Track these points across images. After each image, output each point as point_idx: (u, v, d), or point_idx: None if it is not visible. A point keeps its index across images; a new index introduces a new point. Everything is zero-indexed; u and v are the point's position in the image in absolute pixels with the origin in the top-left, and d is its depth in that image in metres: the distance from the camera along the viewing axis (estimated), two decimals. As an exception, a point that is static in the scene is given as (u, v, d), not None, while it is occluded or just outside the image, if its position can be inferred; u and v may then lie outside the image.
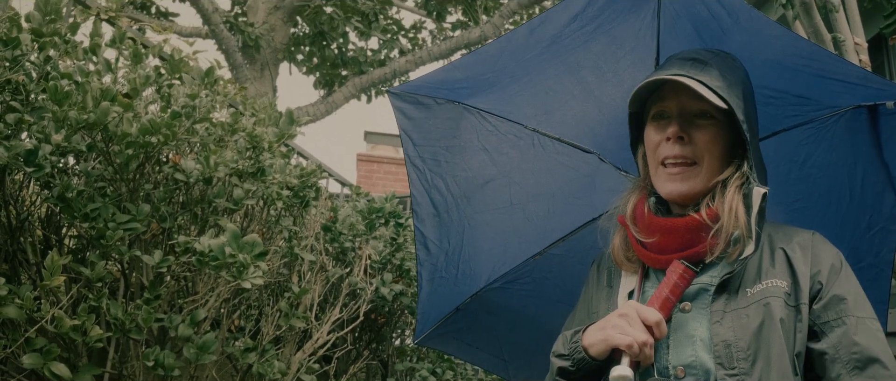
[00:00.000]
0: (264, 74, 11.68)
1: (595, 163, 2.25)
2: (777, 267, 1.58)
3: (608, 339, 1.53)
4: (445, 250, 2.34)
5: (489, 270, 2.40)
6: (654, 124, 1.69)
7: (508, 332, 2.50)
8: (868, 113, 1.82)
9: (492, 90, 2.18)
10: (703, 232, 1.59)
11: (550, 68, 2.10)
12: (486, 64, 2.12)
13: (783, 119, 1.95)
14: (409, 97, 2.23)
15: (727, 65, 1.67)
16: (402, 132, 2.24)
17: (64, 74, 2.66)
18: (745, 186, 1.59)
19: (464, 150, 2.27)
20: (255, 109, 3.46)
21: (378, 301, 4.08)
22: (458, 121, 2.25)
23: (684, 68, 1.62)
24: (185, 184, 2.99)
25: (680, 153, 1.63)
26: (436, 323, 2.44)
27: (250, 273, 2.59)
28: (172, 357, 2.65)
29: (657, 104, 1.69)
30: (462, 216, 2.32)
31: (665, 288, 1.58)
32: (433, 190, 2.29)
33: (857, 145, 1.87)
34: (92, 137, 2.69)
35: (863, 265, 1.92)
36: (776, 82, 1.85)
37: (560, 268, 2.36)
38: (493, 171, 2.30)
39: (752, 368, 1.47)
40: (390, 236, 4.21)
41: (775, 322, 1.50)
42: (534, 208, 2.35)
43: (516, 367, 2.58)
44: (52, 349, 2.36)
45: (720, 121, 1.63)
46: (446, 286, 2.39)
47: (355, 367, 4.11)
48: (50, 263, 2.35)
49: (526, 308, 2.43)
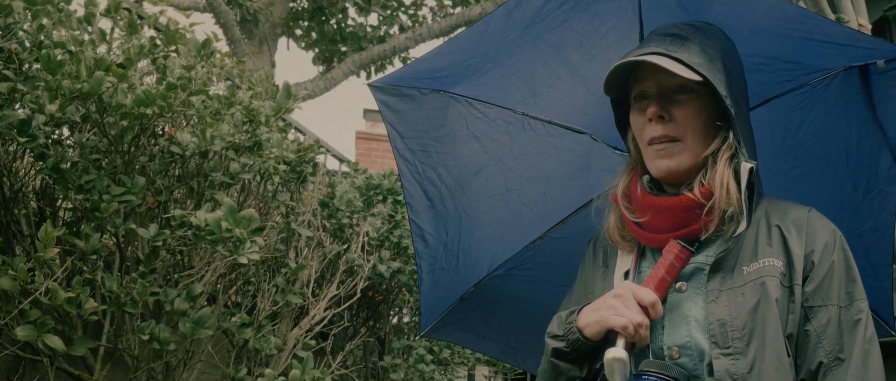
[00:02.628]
0: (263, 49, 11.62)
1: (588, 143, 2.22)
2: (773, 246, 1.56)
3: (603, 320, 1.51)
4: (444, 241, 2.31)
5: (490, 258, 2.37)
6: (637, 106, 1.67)
7: (514, 318, 2.48)
8: (859, 73, 1.78)
9: (476, 76, 2.13)
10: (697, 210, 1.56)
11: (533, 50, 2.05)
12: (468, 50, 2.06)
13: (774, 86, 1.92)
14: (392, 90, 2.17)
15: (708, 37, 1.64)
16: (389, 126, 2.19)
17: (57, 43, 2.62)
18: (735, 161, 1.56)
19: (453, 139, 2.23)
20: (252, 83, 3.42)
21: (375, 279, 4.06)
22: (444, 110, 2.20)
23: (663, 44, 1.59)
24: (181, 157, 2.96)
25: (662, 133, 1.60)
26: (440, 315, 2.42)
27: (246, 248, 2.56)
28: (168, 331, 2.63)
29: (636, 86, 1.67)
30: (458, 206, 2.29)
31: (661, 268, 1.56)
32: (426, 182, 2.25)
33: (851, 108, 1.83)
34: (86, 107, 2.65)
35: (864, 230, 1.89)
36: (765, 49, 1.81)
37: (561, 251, 2.33)
38: (485, 158, 2.26)
39: (747, 347, 1.45)
40: (388, 213, 4.19)
41: (771, 302, 1.48)
42: (530, 193, 2.31)
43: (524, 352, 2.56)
44: (46, 322, 2.34)
45: (701, 93, 1.60)
46: (448, 277, 2.36)
47: (352, 344, 4.10)
48: (44, 234, 2.32)
49: (530, 293, 2.41)
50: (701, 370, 1.48)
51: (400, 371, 4.26)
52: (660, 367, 1.44)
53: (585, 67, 2.08)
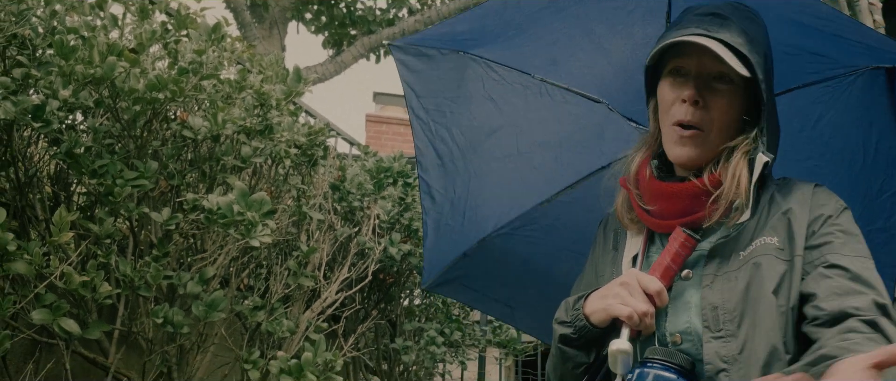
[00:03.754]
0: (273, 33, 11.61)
1: (604, 112, 2.23)
2: (769, 224, 1.55)
3: (608, 308, 1.52)
4: (451, 198, 2.33)
5: (496, 216, 2.39)
6: (671, 80, 1.64)
7: (515, 278, 2.51)
8: (887, 75, 1.78)
9: (498, 41, 2.15)
10: (703, 197, 1.56)
11: (557, 21, 2.07)
12: (491, 17, 2.09)
13: (799, 75, 1.92)
14: (412, 49, 2.20)
15: (748, 20, 1.62)
16: (405, 85, 2.21)
17: (70, 28, 2.64)
18: (752, 152, 1.56)
19: (469, 100, 2.25)
20: (263, 67, 3.43)
21: (386, 261, 4.08)
22: (462, 71, 2.22)
23: (703, 25, 1.57)
24: (193, 141, 2.98)
25: (693, 119, 1.58)
26: (443, 268, 2.44)
27: (258, 231, 2.58)
28: (181, 314, 2.65)
29: (675, 59, 1.63)
30: (468, 165, 2.31)
31: (667, 256, 1.56)
32: (437, 140, 2.27)
33: (873, 108, 1.84)
34: (99, 92, 2.67)
35: (873, 228, 1.90)
36: (793, 38, 1.81)
37: (567, 216, 2.35)
38: (499, 120, 2.28)
39: (738, 329, 1.45)
40: (399, 196, 4.20)
41: (764, 282, 1.47)
42: (541, 157, 2.34)
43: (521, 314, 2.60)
44: (61, 305, 2.36)
45: (739, 84, 1.59)
46: (452, 234, 2.39)
47: (364, 326, 4.12)
48: (58, 219, 2.34)
49: (533, 255, 2.44)
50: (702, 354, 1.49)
51: (411, 353, 4.28)
52: (665, 355, 1.45)
53: (609, 39, 2.10)
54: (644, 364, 1.45)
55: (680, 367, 1.43)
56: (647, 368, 1.44)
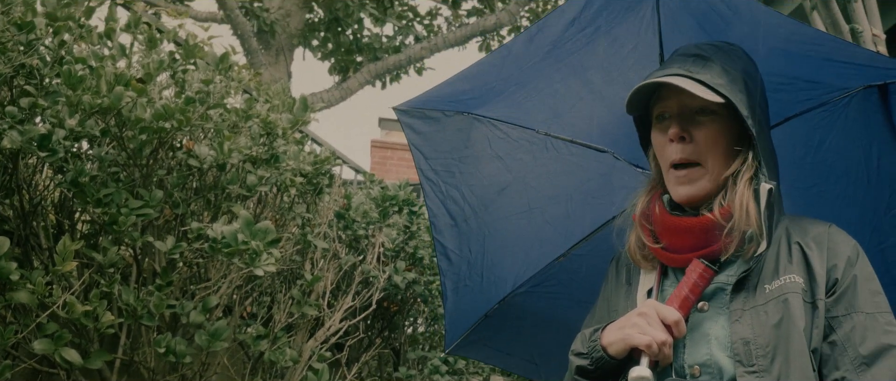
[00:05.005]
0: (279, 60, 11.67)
1: (610, 161, 2.24)
2: (794, 263, 1.56)
3: (627, 338, 1.51)
4: (467, 259, 2.34)
5: (514, 275, 2.40)
6: (658, 126, 1.69)
7: (538, 335, 2.50)
8: (879, 92, 1.79)
9: (499, 98, 2.17)
10: (717, 231, 1.57)
11: (555, 73, 2.08)
12: (490, 73, 2.10)
13: (794, 104, 1.93)
14: (416, 112, 2.23)
15: (730, 58, 1.65)
16: (413, 147, 2.25)
17: (78, 58, 2.65)
18: (755, 181, 1.57)
19: (477, 159, 2.27)
20: (270, 95, 3.44)
21: (390, 289, 4.07)
22: (468, 131, 2.25)
23: (686, 65, 1.60)
24: (199, 170, 2.98)
25: (682, 156, 1.62)
26: (465, 332, 2.44)
27: (263, 260, 2.57)
28: (184, 344, 2.64)
29: (658, 105, 1.68)
30: (481, 224, 2.32)
31: (685, 287, 1.56)
32: (449, 201, 2.29)
33: (871, 126, 1.84)
34: (105, 121, 2.68)
35: (885, 246, 1.89)
36: (784, 69, 1.83)
37: (585, 268, 2.35)
38: (508, 177, 2.30)
39: (771, 365, 1.45)
40: (404, 224, 4.20)
41: (794, 318, 1.48)
42: (552, 211, 2.34)
43: (548, 369, 2.57)
44: (64, 335, 2.36)
45: (723, 115, 1.61)
46: (472, 295, 2.39)
47: (367, 355, 4.10)
48: (62, 248, 2.34)
49: (554, 310, 2.43)
50: None
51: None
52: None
53: (606, 88, 2.11)
54: None
55: None
56: None
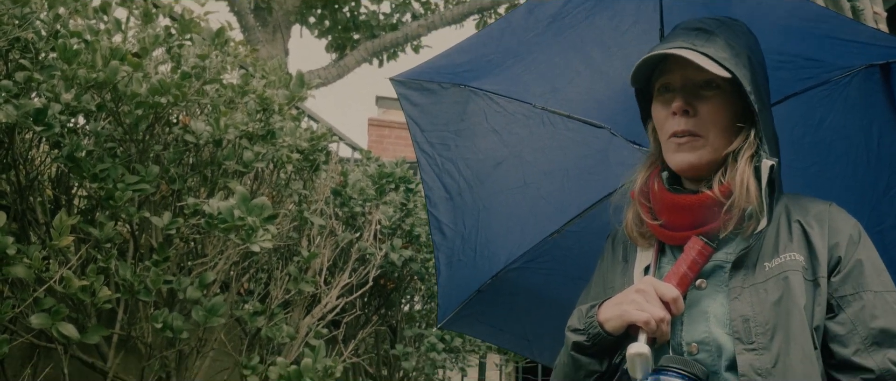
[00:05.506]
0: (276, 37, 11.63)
1: (606, 137, 2.22)
2: (794, 241, 1.55)
3: (625, 314, 1.51)
4: (461, 233, 2.33)
5: (508, 250, 2.39)
6: (660, 99, 1.67)
7: (530, 311, 2.50)
8: (881, 72, 1.78)
9: (497, 71, 2.15)
10: (715, 208, 1.56)
11: (554, 46, 2.06)
12: (488, 46, 2.08)
13: (795, 82, 1.91)
14: (413, 84, 2.20)
15: (734, 33, 1.63)
16: (409, 119, 2.22)
17: (73, 32, 2.63)
18: (756, 158, 1.56)
19: (473, 132, 2.25)
20: (266, 71, 3.42)
21: (387, 267, 4.08)
22: (464, 104, 2.23)
23: (689, 39, 1.59)
24: (195, 146, 2.97)
25: (685, 128, 1.60)
26: (458, 306, 2.44)
27: (259, 236, 2.57)
28: (181, 319, 2.65)
29: (662, 77, 1.66)
30: (476, 199, 2.31)
31: (683, 264, 1.55)
32: (444, 174, 2.27)
33: (872, 106, 1.83)
34: (101, 96, 2.66)
35: (884, 227, 1.88)
36: (786, 46, 1.81)
37: (579, 245, 2.34)
38: (504, 152, 2.28)
39: (770, 342, 1.45)
40: (400, 202, 4.19)
41: (795, 296, 1.47)
42: (548, 187, 2.33)
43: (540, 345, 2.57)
44: (61, 310, 2.36)
45: (726, 90, 1.59)
46: (465, 269, 2.38)
47: (364, 332, 4.11)
48: (58, 223, 2.34)
49: (547, 287, 2.42)
50: (719, 365, 1.49)
51: (411, 359, 4.27)
52: (681, 363, 1.44)
53: (606, 63, 2.09)
54: (659, 372, 1.44)
55: (696, 377, 1.42)
56: (663, 375, 1.42)
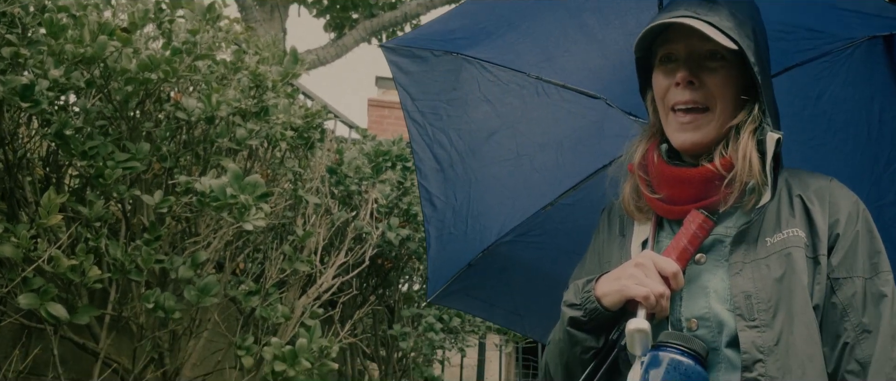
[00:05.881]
0: (274, 16, 11.54)
1: (602, 108, 2.17)
2: (796, 216, 1.52)
3: (623, 289, 1.46)
4: (452, 205, 2.28)
5: (500, 224, 2.35)
6: (663, 68, 1.62)
7: (522, 286, 2.46)
8: (884, 44, 1.74)
9: (490, 39, 2.10)
10: (716, 182, 1.52)
11: (549, 14, 2.01)
12: (482, 13, 2.03)
13: (796, 54, 1.87)
14: (404, 51, 2.14)
15: (737, 2, 1.59)
16: (399, 87, 2.17)
17: (61, 7, 2.57)
18: (759, 132, 1.52)
19: (465, 102, 2.20)
20: (259, 48, 3.37)
21: (384, 246, 4.04)
22: (457, 73, 2.17)
23: (692, 8, 1.54)
24: (187, 123, 2.92)
25: (690, 98, 1.56)
26: (448, 281, 2.40)
27: (252, 215, 2.53)
28: (173, 299, 2.61)
29: (664, 47, 1.61)
30: (468, 170, 2.26)
31: (683, 238, 1.51)
32: (435, 145, 2.23)
33: (874, 78, 1.79)
34: (90, 72, 2.61)
35: (884, 203, 1.85)
36: (787, 16, 1.77)
37: (572, 218, 2.30)
38: (497, 122, 2.23)
39: (773, 319, 1.41)
40: (397, 180, 4.15)
41: (797, 273, 1.44)
42: (541, 159, 2.28)
43: (532, 321, 2.54)
44: (50, 290, 2.32)
45: (731, 62, 1.55)
46: (456, 243, 2.34)
47: (361, 312, 4.08)
48: (46, 201, 2.29)
49: (539, 261, 2.39)
50: (719, 341, 1.45)
51: (409, 340, 4.24)
52: (681, 339, 1.40)
53: (602, 31, 2.04)
54: (659, 348, 1.40)
55: (696, 354, 1.38)
56: (662, 351, 1.39)
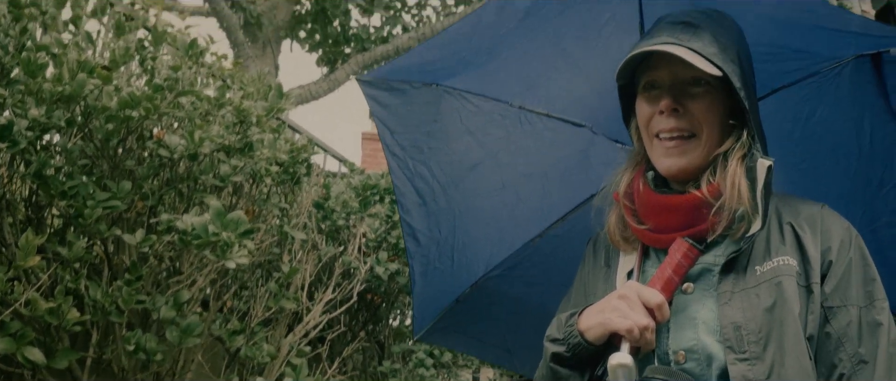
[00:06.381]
0: (266, 52, 11.57)
1: (587, 136, 2.14)
2: (787, 244, 1.48)
3: (607, 323, 1.42)
4: (437, 240, 2.23)
5: (487, 257, 2.29)
6: (646, 95, 1.59)
7: (511, 321, 2.39)
8: (872, 62, 1.71)
9: (470, 69, 2.06)
10: (704, 209, 1.48)
11: (529, 41, 1.98)
12: (460, 42, 1.99)
13: (783, 75, 1.84)
14: (381, 84, 2.10)
15: (721, 26, 1.56)
16: (378, 121, 2.12)
17: (40, 46, 2.55)
18: (747, 159, 1.48)
19: (446, 134, 2.16)
20: (244, 83, 3.35)
21: (373, 281, 3.99)
22: (437, 104, 2.13)
23: (674, 34, 1.51)
24: (170, 160, 2.89)
25: (675, 126, 1.52)
26: (435, 317, 2.33)
27: (234, 252, 2.49)
28: (155, 340, 2.56)
29: (647, 73, 1.58)
30: (451, 203, 2.21)
31: (668, 268, 1.47)
32: (417, 178, 2.17)
33: (863, 97, 1.76)
34: (70, 111, 2.58)
35: (879, 225, 1.81)
36: (773, 37, 1.74)
37: (561, 250, 2.24)
38: (479, 153, 2.18)
39: (763, 352, 1.37)
40: (386, 214, 4.11)
41: (788, 303, 1.39)
42: (527, 190, 2.23)
43: (522, 358, 2.48)
44: (27, 333, 2.27)
45: (716, 87, 1.52)
46: (442, 278, 2.28)
47: (350, 349, 4.02)
48: (24, 243, 2.25)
49: (529, 295, 2.33)
50: (709, 374, 1.40)
51: (399, 376, 4.18)
52: (666, 373, 1.36)
53: (584, 58, 2.01)
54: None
55: None
56: None
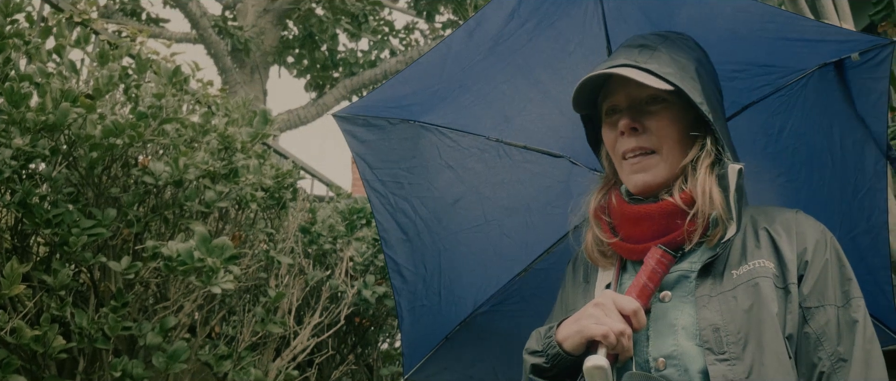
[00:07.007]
0: (254, 78, 11.61)
1: (567, 167, 2.15)
2: (762, 248, 1.51)
3: (583, 330, 1.43)
4: (422, 276, 2.21)
5: (474, 293, 2.28)
6: (608, 121, 1.64)
7: (502, 356, 2.36)
8: (835, 69, 1.73)
9: (444, 103, 2.07)
10: (678, 218, 1.52)
11: (500, 73, 1.99)
12: (432, 75, 1.99)
13: (751, 92, 1.87)
14: (358, 120, 2.10)
15: (677, 46, 1.61)
16: (357, 157, 2.11)
17: (23, 75, 2.57)
18: (717, 166, 1.52)
19: (426, 169, 2.15)
20: (228, 109, 3.37)
21: (361, 304, 3.99)
22: (415, 140, 2.13)
23: (631, 57, 1.56)
24: (155, 187, 2.90)
25: (636, 145, 1.57)
26: (425, 356, 2.31)
27: (220, 278, 2.50)
28: (141, 367, 2.56)
29: (607, 100, 1.63)
30: (435, 239, 2.20)
31: (643, 275, 1.49)
32: (399, 214, 2.16)
33: (830, 105, 1.78)
34: (54, 140, 2.60)
35: (857, 233, 1.82)
36: (736, 55, 1.77)
37: (548, 282, 2.23)
38: (461, 188, 2.18)
39: (743, 352, 1.39)
40: (372, 237, 4.12)
41: (766, 303, 1.42)
42: (510, 223, 2.23)
43: None
44: (12, 361, 2.27)
45: (675, 103, 1.56)
46: (430, 315, 2.26)
47: (338, 372, 4.02)
48: (9, 271, 2.26)
49: (519, 328, 2.29)
50: (688, 379, 1.42)
51: (389, 399, 4.18)
52: (644, 379, 1.38)
53: (555, 87, 2.02)
54: None
55: None
56: None
